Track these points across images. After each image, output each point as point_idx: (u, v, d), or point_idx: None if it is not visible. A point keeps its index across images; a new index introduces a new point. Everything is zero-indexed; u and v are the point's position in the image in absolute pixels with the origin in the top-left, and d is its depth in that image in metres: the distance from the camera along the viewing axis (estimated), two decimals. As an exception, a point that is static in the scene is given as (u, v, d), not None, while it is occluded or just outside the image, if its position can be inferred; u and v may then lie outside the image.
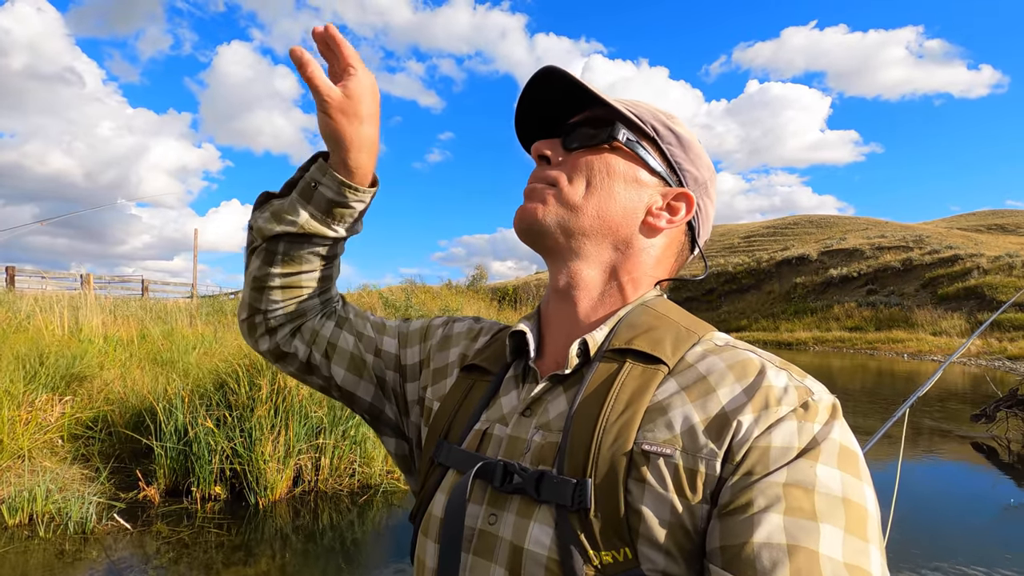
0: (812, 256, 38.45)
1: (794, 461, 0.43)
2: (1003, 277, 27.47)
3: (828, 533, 0.39)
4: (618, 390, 0.50)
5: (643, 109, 0.61)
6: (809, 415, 0.46)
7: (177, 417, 4.33)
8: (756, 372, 0.49)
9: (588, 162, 0.59)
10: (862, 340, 24.90)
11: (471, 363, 0.66)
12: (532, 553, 0.47)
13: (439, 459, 0.59)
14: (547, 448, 0.51)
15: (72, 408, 4.85)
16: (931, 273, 30.43)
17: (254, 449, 4.26)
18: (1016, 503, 5.09)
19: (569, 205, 0.58)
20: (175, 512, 4.07)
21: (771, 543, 0.39)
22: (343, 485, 4.67)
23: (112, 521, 3.84)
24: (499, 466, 0.51)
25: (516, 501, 0.50)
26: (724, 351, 0.52)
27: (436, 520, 0.55)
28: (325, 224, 0.66)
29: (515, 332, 0.62)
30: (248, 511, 4.14)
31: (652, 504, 0.45)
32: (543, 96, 0.62)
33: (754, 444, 0.44)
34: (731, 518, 0.42)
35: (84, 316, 6.94)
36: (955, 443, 7.27)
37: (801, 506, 0.40)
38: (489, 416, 0.59)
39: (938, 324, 25.28)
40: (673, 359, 0.52)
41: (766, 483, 0.42)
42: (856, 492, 0.42)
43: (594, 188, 0.59)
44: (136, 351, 6.31)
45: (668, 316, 0.57)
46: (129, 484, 4.30)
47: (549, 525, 0.47)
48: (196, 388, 4.70)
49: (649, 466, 0.46)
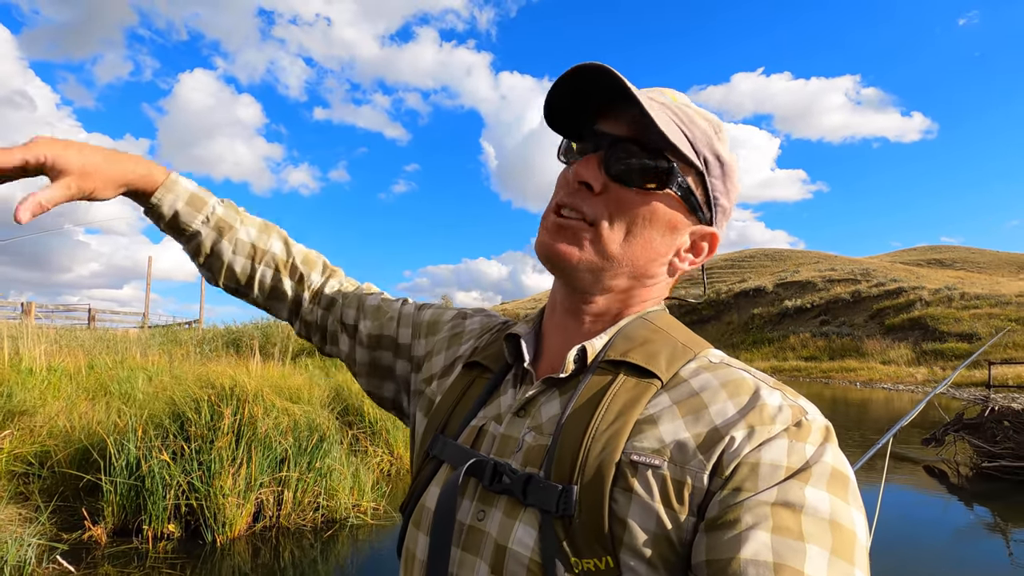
0: (768, 288, 39.83)
1: (784, 481, 0.43)
2: (943, 308, 29.05)
3: (814, 555, 0.39)
4: (610, 400, 0.50)
5: (698, 132, 0.55)
6: (801, 435, 0.46)
7: (129, 451, 4.10)
8: (750, 392, 0.49)
9: (633, 207, 0.55)
10: (817, 369, 25.75)
11: (473, 360, 0.66)
12: (515, 553, 0.47)
13: (434, 452, 0.59)
14: (536, 450, 0.52)
15: (10, 444, 4.53)
16: (878, 304, 31.93)
17: (212, 483, 4.05)
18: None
19: (605, 255, 0.55)
20: (124, 552, 3.81)
21: (757, 560, 0.39)
22: (307, 520, 4.47)
23: (54, 564, 3.56)
24: (490, 465, 0.52)
25: (503, 500, 0.50)
26: (718, 369, 0.53)
27: (428, 512, 0.55)
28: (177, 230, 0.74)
29: (510, 335, 0.62)
30: (204, 549, 3.91)
31: (637, 514, 0.45)
32: (581, 87, 0.55)
33: (744, 459, 0.44)
34: (718, 533, 0.42)
35: (25, 346, 6.55)
36: (908, 466, 7.53)
37: (788, 526, 0.40)
38: (486, 413, 0.59)
39: (886, 354, 26.40)
40: (667, 374, 0.52)
41: (755, 501, 0.42)
42: (844, 516, 0.42)
43: (633, 236, 0.55)
44: (84, 382, 5.97)
45: (665, 331, 0.57)
46: (73, 524, 4.01)
47: (533, 528, 0.47)
48: (151, 419, 4.47)
49: (637, 476, 0.46)
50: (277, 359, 7.95)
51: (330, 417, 5.19)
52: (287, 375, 6.23)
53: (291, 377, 6.08)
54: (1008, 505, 5.85)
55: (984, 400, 7.61)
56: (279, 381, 5.60)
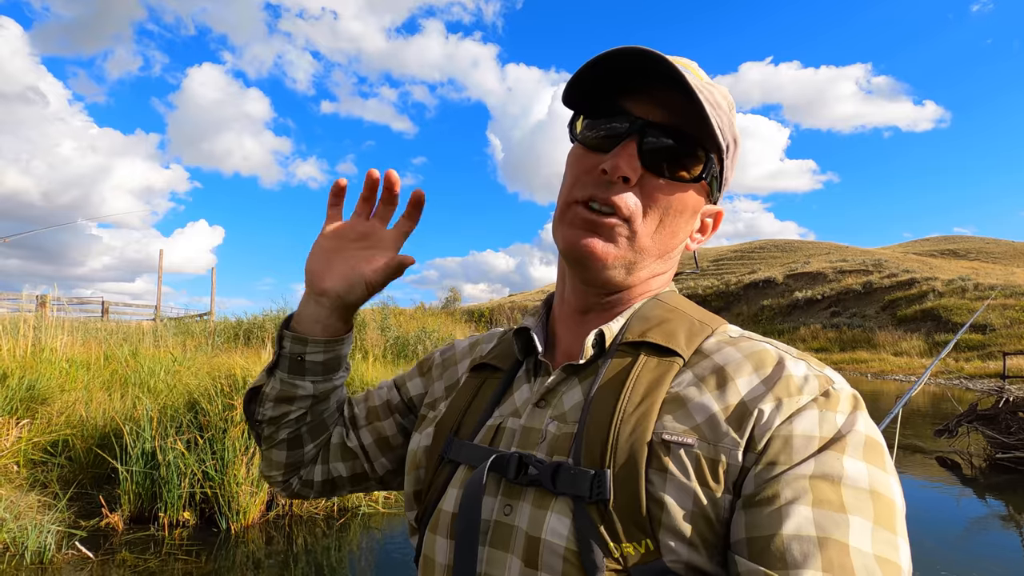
0: (778, 279, 39.51)
1: (820, 453, 0.42)
2: (956, 299, 28.70)
3: (857, 526, 0.39)
4: (634, 382, 0.49)
5: (723, 116, 0.54)
6: (831, 404, 0.45)
7: (145, 440, 4.16)
8: (775, 363, 0.49)
9: (667, 200, 0.54)
10: (828, 361, 25.55)
11: (480, 363, 0.65)
12: (550, 543, 0.46)
13: (449, 455, 0.57)
14: (563, 439, 0.50)
15: (30, 432, 4.61)
16: (890, 296, 31.58)
17: (226, 472, 4.11)
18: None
19: (638, 249, 0.54)
20: (141, 539, 3.88)
21: (801, 535, 0.38)
22: (319, 508, 4.52)
23: (73, 550, 3.63)
24: (514, 458, 0.50)
25: (532, 492, 0.49)
26: (740, 342, 0.52)
27: (448, 515, 0.53)
28: (328, 381, 0.69)
29: (520, 330, 0.61)
30: (219, 537, 3.97)
31: (675, 494, 0.44)
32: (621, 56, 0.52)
33: (776, 432, 0.44)
34: (758, 510, 0.41)
35: (45, 337, 6.65)
36: (921, 457, 7.48)
37: (829, 498, 0.40)
38: (502, 411, 0.57)
39: (898, 345, 26.16)
40: (688, 351, 0.51)
41: (792, 475, 0.41)
42: (883, 485, 0.42)
43: (664, 226, 0.55)
44: (100, 372, 6.05)
45: (681, 309, 0.56)
46: (91, 511, 4.08)
47: (567, 516, 0.46)
48: (166, 409, 4.53)
49: (671, 456, 0.45)
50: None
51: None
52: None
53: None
54: (1022, 496, 5.80)
55: (999, 391, 7.53)
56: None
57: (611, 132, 0.53)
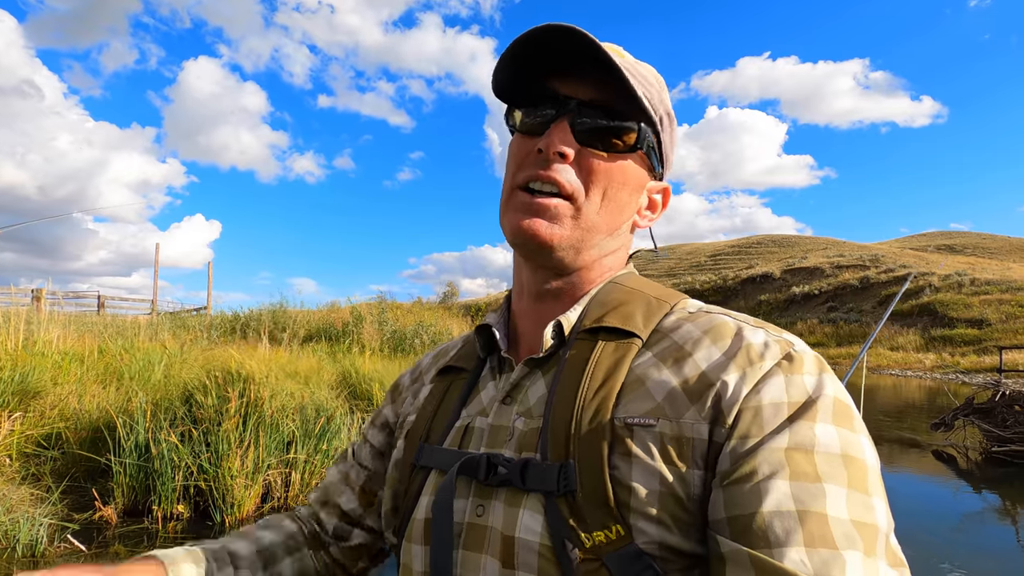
0: (775, 274, 39.65)
1: (793, 422, 0.42)
2: (953, 294, 28.82)
3: (833, 493, 0.39)
4: (593, 368, 0.49)
5: (653, 90, 0.55)
6: (795, 367, 0.45)
7: (138, 432, 4.13)
8: (733, 332, 0.48)
9: (608, 171, 0.54)
10: (825, 355, 25.20)
11: (445, 365, 0.64)
12: (524, 541, 0.45)
13: (420, 462, 0.56)
14: (530, 434, 0.50)
15: (22, 425, 4.57)
16: (887, 291, 31.69)
17: (221, 464, 4.08)
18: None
19: (586, 226, 0.54)
20: (134, 532, 3.86)
21: (781, 511, 0.38)
22: (314, 501, 4.51)
23: (65, 543, 3.61)
24: (483, 459, 0.50)
25: (503, 492, 0.48)
26: (698, 317, 0.51)
27: (421, 523, 0.52)
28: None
29: (482, 327, 0.60)
30: (213, 530, 3.95)
31: (641, 477, 0.43)
32: (545, 48, 0.53)
33: (744, 405, 0.43)
34: (736, 487, 0.41)
35: (38, 330, 6.60)
36: (917, 451, 7.50)
37: (805, 470, 0.40)
38: (469, 412, 0.57)
39: (895, 340, 26.28)
40: (646, 331, 0.51)
41: (768, 448, 0.41)
42: (854, 446, 0.42)
43: (608, 200, 0.54)
44: (94, 365, 6.02)
45: (638, 289, 0.56)
46: (84, 504, 4.06)
47: (538, 512, 0.46)
48: (160, 402, 4.51)
49: (634, 438, 0.44)
50: (286, 344, 7.99)
51: (338, 399, 5.21)
52: (294, 359, 6.26)
53: (298, 361, 6.11)
54: (1018, 490, 5.82)
55: (995, 385, 7.55)
56: (286, 365, 5.62)
57: (544, 116, 0.54)
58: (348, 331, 10.11)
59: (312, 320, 10.87)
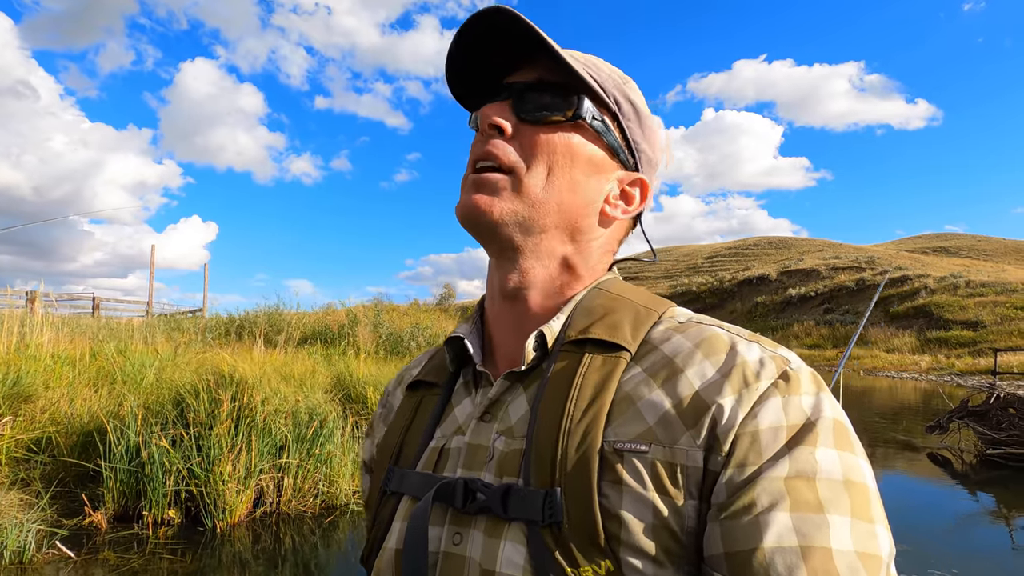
0: (772, 276, 39.73)
1: (792, 449, 0.40)
2: (948, 296, 28.92)
3: (836, 524, 0.37)
4: (579, 385, 0.46)
5: (603, 74, 0.54)
6: (792, 387, 0.43)
7: (129, 437, 4.09)
8: (727, 348, 0.45)
9: (549, 143, 0.52)
10: (821, 357, 25.71)
11: (415, 380, 0.60)
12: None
13: (390, 487, 0.52)
14: (511, 456, 0.46)
15: (12, 429, 4.53)
16: (883, 293, 31.79)
17: (212, 469, 4.05)
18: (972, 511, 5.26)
19: (528, 200, 0.51)
20: (124, 538, 3.82)
21: (783, 547, 0.36)
22: (307, 506, 4.48)
23: (54, 549, 3.57)
24: (459, 484, 0.46)
25: (483, 520, 0.45)
26: (688, 328, 0.48)
27: (391, 552, 0.49)
28: None
29: (452, 339, 0.56)
30: (204, 535, 3.92)
31: (632, 507, 0.40)
32: (484, 36, 0.53)
33: (741, 431, 0.41)
34: (734, 521, 0.38)
35: (31, 332, 6.55)
36: (912, 453, 7.51)
37: (807, 499, 0.38)
38: (443, 431, 0.53)
39: (891, 342, 26.35)
40: (634, 343, 0.48)
41: (767, 478, 0.39)
42: (855, 471, 0.40)
43: (555, 176, 0.52)
44: (87, 368, 5.98)
45: (624, 296, 0.52)
46: (74, 510, 4.02)
47: (521, 544, 0.42)
48: (152, 406, 4.47)
49: (624, 465, 0.42)
50: (282, 346, 7.95)
51: (331, 403, 5.18)
52: (288, 362, 6.23)
53: (292, 364, 6.07)
54: (1012, 492, 5.83)
55: (989, 387, 7.56)
56: (280, 368, 5.59)
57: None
58: (343, 333, 10.07)
59: (307, 322, 10.83)
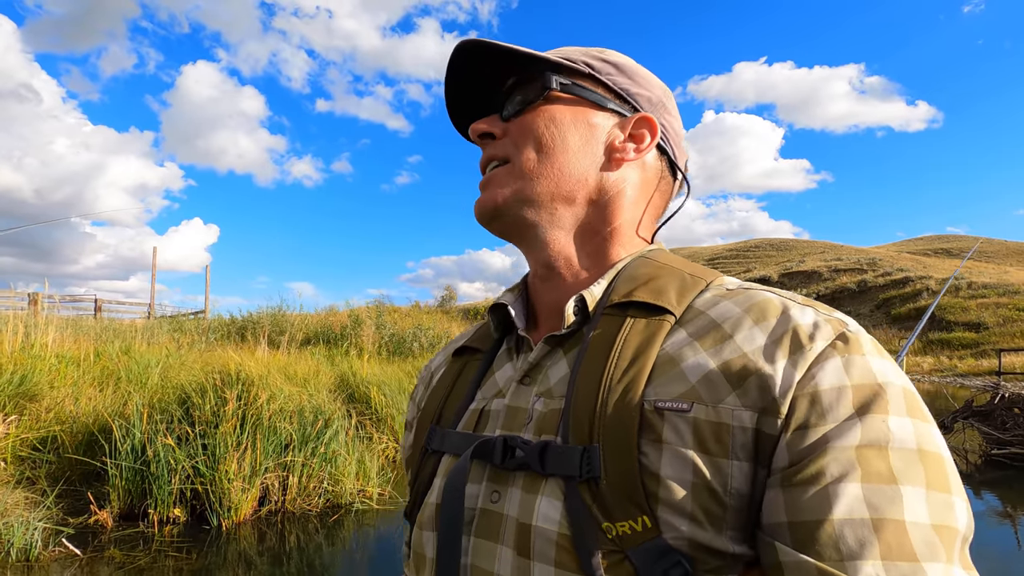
0: (773, 278, 39.69)
1: (864, 416, 0.38)
2: (950, 298, 28.86)
3: (911, 496, 0.35)
4: (621, 346, 0.45)
5: (570, 51, 0.57)
6: (852, 348, 0.41)
7: (134, 435, 4.10)
8: (779, 312, 0.44)
9: (531, 123, 0.54)
10: (823, 359, 25.62)
11: (460, 346, 0.61)
12: (541, 530, 0.42)
13: (432, 446, 0.53)
14: (550, 416, 0.47)
15: (17, 428, 4.54)
16: (885, 294, 31.78)
17: (217, 468, 4.06)
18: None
19: (526, 175, 0.53)
20: (130, 536, 3.82)
21: (853, 519, 0.35)
22: (312, 505, 4.48)
23: (60, 547, 3.57)
24: (499, 442, 0.47)
25: (521, 477, 0.45)
26: (737, 294, 0.47)
27: (432, 507, 0.50)
28: None
29: (496, 305, 0.57)
30: (210, 534, 3.92)
31: (672, 465, 0.40)
32: (474, 74, 0.57)
33: (798, 391, 0.39)
34: (799, 489, 0.37)
35: (35, 333, 6.57)
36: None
37: (879, 470, 0.36)
38: (484, 394, 0.54)
39: (892, 343, 26.27)
40: (679, 308, 0.47)
41: (837, 447, 0.37)
42: (928, 439, 0.38)
43: (546, 147, 0.53)
44: (91, 368, 5.98)
45: (670, 265, 0.52)
46: (79, 508, 4.02)
47: (558, 499, 0.42)
48: (157, 404, 4.47)
49: (665, 423, 0.41)
50: (285, 347, 7.96)
51: (335, 403, 5.19)
52: (292, 362, 6.23)
53: (296, 364, 6.08)
54: (1017, 492, 5.81)
55: (994, 387, 7.54)
56: (284, 368, 5.59)
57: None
58: (346, 334, 10.08)
59: (310, 324, 10.85)
